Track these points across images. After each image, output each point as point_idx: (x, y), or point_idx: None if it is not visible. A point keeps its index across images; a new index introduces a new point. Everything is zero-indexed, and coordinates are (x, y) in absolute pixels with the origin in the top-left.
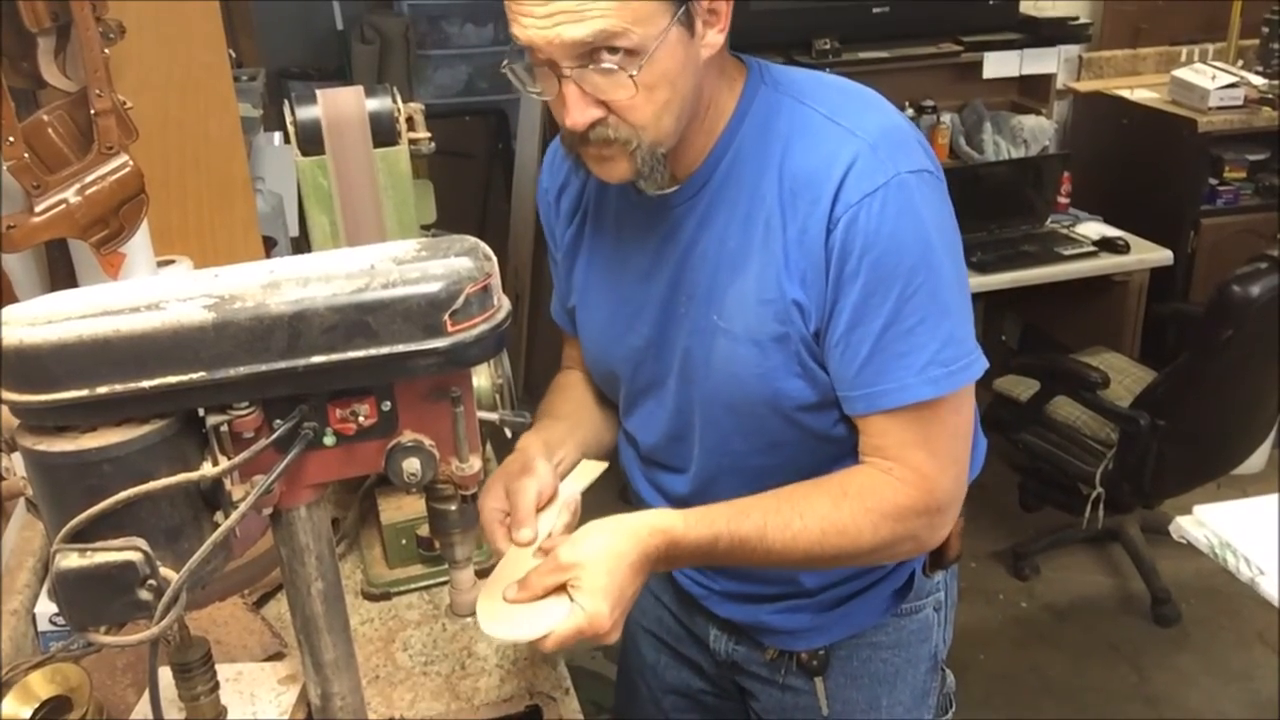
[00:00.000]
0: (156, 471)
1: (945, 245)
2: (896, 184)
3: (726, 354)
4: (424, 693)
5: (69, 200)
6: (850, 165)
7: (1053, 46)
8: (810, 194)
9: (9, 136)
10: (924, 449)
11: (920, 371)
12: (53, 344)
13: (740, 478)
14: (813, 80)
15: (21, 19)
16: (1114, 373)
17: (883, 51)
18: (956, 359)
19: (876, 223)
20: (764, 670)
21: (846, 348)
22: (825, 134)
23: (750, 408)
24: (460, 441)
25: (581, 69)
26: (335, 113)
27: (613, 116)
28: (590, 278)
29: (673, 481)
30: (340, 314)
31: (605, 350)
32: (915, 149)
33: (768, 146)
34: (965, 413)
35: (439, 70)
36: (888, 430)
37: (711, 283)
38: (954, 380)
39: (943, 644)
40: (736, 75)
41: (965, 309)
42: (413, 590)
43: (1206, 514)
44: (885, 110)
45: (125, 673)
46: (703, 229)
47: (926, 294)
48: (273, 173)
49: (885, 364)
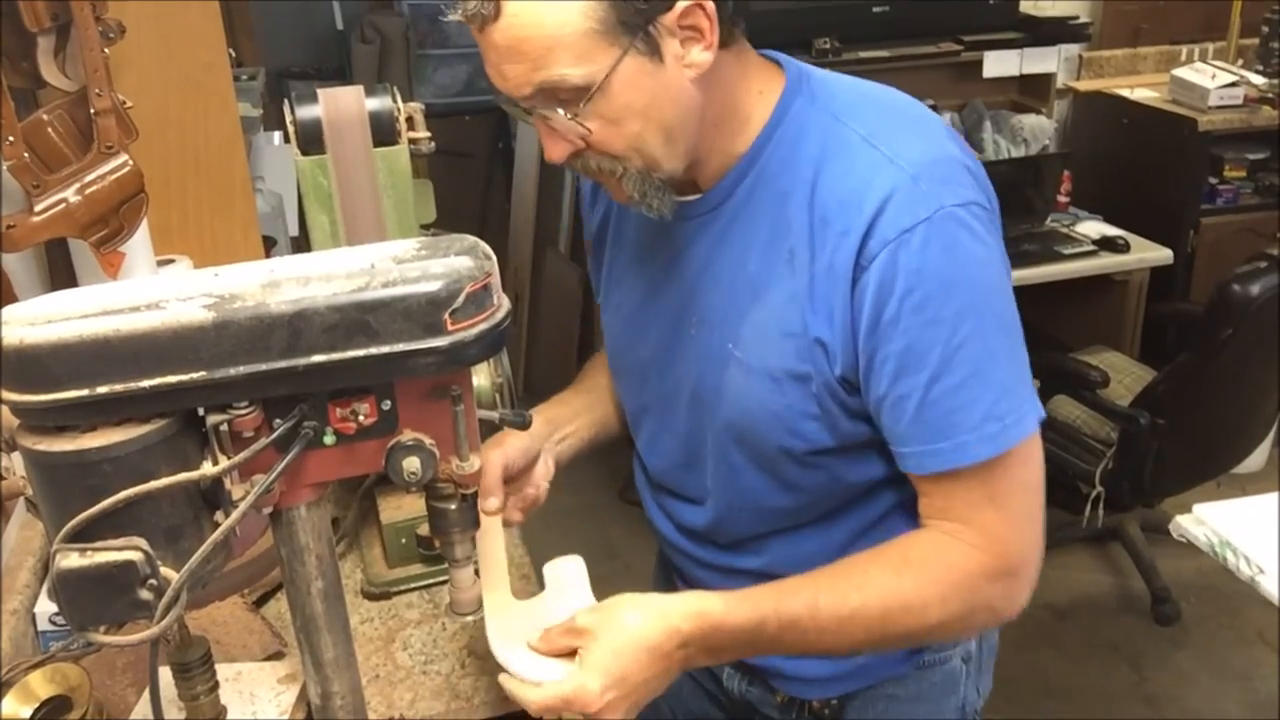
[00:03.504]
0: (156, 471)
1: (996, 286)
2: (941, 218)
3: (739, 386)
4: (424, 692)
5: (69, 200)
6: (888, 197)
7: (1053, 46)
8: (841, 224)
9: (9, 136)
10: (992, 507)
11: (975, 428)
12: (53, 344)
13: (758, 516)
14: (856, 93)
15: (21, 19)
16: (1114, 372)
17: (883, 51)
18: (1014, 410)
19: (918, 261)
20: (776, 714)
21: (895, 403)
22: (861, 159)
23: (761, 445)
24: (460, 440)
25: (540, 109)
26: (335, 112)
27: (590, 150)
28: (611, 279)
29: (688, 512)
30: (340, 313)
31: (617, 357)
32: (963, 179)
33: (797, 167)
34: (1034, 463)
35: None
36: (951, 490)
37: (726, 308)
38: (1011, 435)
39: (975, 695)
40: (770, 83)
41: (1019, 355)
42: (413, 590)
43: (1206, 512)
44: (932, 134)
45: (125, 673)
46: (719, 249)
47: (977, 341)
48: (273, 173)
49: (936, 421)
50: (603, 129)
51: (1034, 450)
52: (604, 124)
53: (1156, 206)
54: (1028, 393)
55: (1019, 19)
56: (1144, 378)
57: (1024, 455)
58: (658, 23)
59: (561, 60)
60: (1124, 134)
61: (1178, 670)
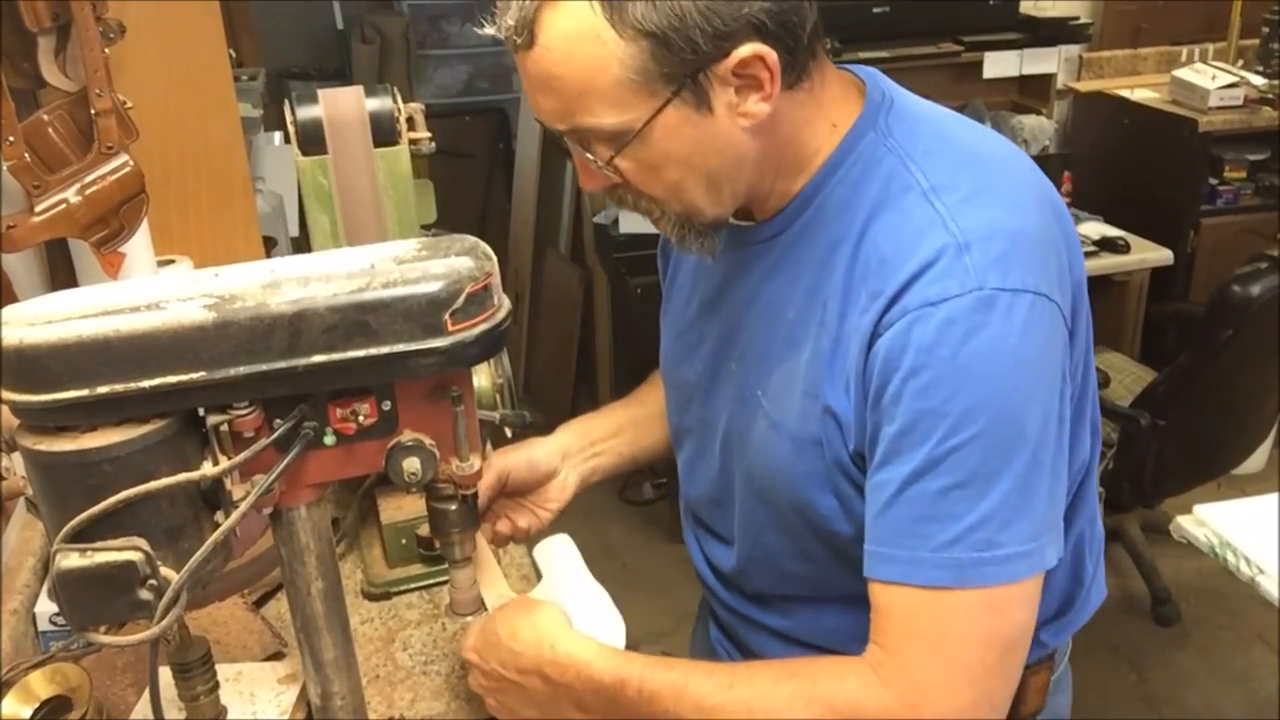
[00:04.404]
0: (157, 471)
1: (1028, 393)
2: (977, 300)
3: (763, 439)
4: (424, 692)
5: (69, 200)
6: (928, 263)
7: (1053, 46)
8: (876, 284)
9: (9, 136)
10: (930, 649)
11: (941, 548)
12: (53, 344)
13: (779, 575)
14: (938, 135)
15: (21, 19)
16: (1114, 372)
17: (883, 51)
18: (997, 545)
19: (932, 340)
20: None
21: (872, 489)
22: (916, 214)
23: (780, 506)
24: (460, 441)
25: (574, 143)
26: (335, 113)
27: (627, 186)
28: (673, 287)
29: (719, 552)
30: (340, 314)
31: (667, 370)
32: (1030, 260)
33: (852, 211)
34: (1008, 618)
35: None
36: (892, 609)
37: (763, 351)
38: (984, 573)
39: None
40: (846, 113)
41: (1036, 486)
42: (413, 590)
43: (1206, 513)
44: (1014, 198)
45: (125, 673)
46: (766, 283)
47: (977, 451)
48: (273, 173)
49: (899, 523)
50: (639, 173)
51: (1010, 602)
52: (641, 168)
53: (1157, 207)
54: (1029, 533)
55: (1019, 19)
56: (1144, 378)
57: (995, 603)
58: (709, 71)
59: (594, 108)
60: (1124, 135)
61: (1178, 671)
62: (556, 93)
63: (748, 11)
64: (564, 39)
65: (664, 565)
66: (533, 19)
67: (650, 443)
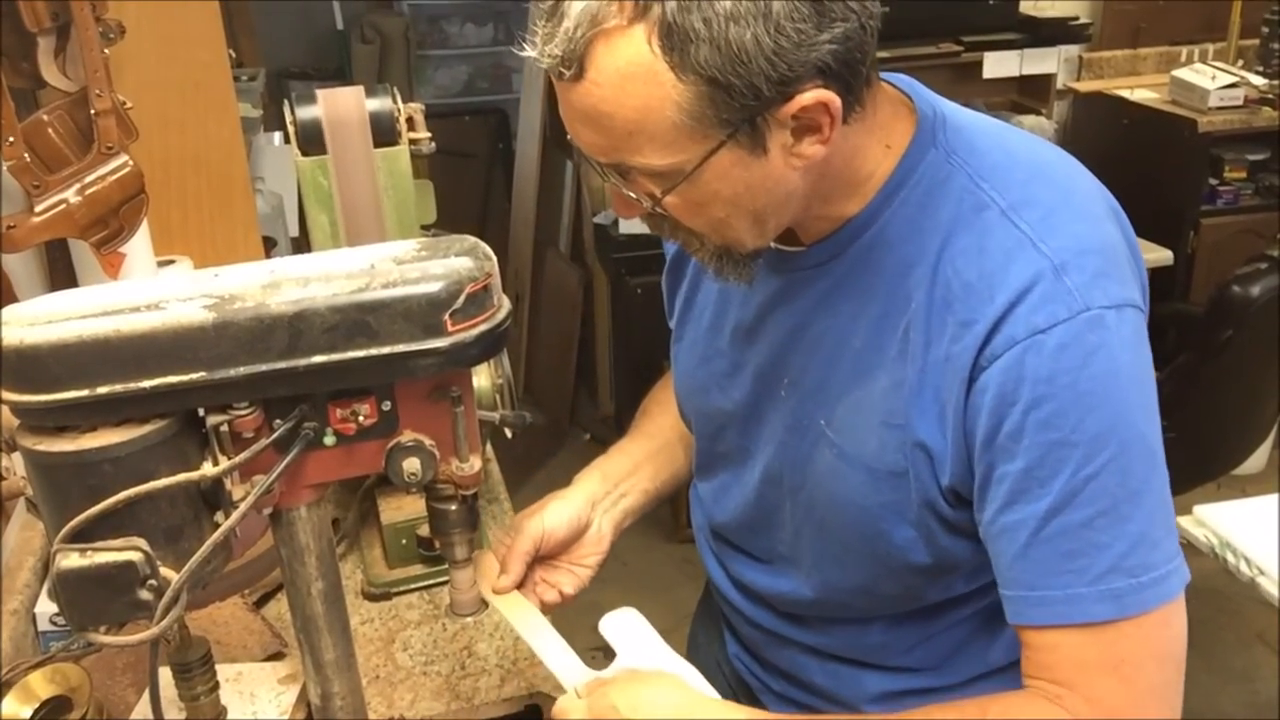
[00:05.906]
0: (157, 471)
1: (1144, 408)
2: (1087, 321)
3: (829, 470)
4: (424, 693)
5: (69, 200)
6: (1025, 289)
7: (1053, 46)
8: (965, 312)
9: (9, 136)
10: (1110, 675)
11: (1097, 580)
12: (53, 344)
13: (822, 597)
14: (1001, 149)
15: (21, 19)
16: None
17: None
18: (1149, 567)
19: (1050, 369)
20: None
21: (1002, 532)
22: (999, 235)
23: (845, 535)
24: (460, 441)
25: (614, 177)
26: (335, 113)
27: (666, 217)
28: (690, 308)
29: (751, 572)
30: (340, 314)
31: (688, 397)
32: (1120, 272)
33: (923, 235)
34: (1173, 632)
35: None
36: (1057, 647)
37: (824, 380)
38: (1145, 597)
39: None
40: (899, 133)
41: (1164, 496)
42: (413, 590)
43: (1206, 514)
44: (1089, 210)
45: (125, 673)
46: (821, 310)
47: (1115, 474)
48: (273, 173)
49: (1047, 562)
50: (683, 209)
51: (1173, 616)
52: (686, 204)
53: (1156, 207)
54: (1172, 546)
55: (1019, 19)
56: None
57: (1159, 621)
58: (768, 115)
59: (643, 148)
60: (1124, 135)
61: None
62: (604, 130)
63: (815, 56)
64: (617, 76)
65: (664, 565)
66: (584, 52)
67: (670, 474)
